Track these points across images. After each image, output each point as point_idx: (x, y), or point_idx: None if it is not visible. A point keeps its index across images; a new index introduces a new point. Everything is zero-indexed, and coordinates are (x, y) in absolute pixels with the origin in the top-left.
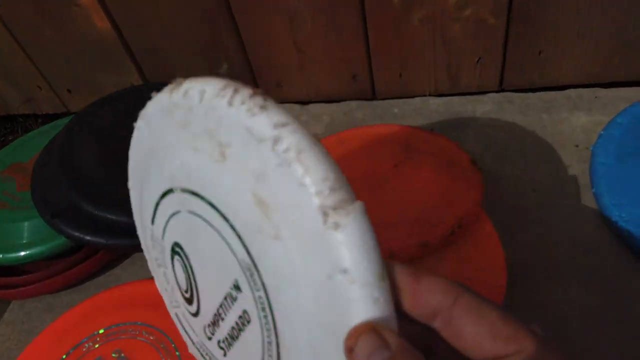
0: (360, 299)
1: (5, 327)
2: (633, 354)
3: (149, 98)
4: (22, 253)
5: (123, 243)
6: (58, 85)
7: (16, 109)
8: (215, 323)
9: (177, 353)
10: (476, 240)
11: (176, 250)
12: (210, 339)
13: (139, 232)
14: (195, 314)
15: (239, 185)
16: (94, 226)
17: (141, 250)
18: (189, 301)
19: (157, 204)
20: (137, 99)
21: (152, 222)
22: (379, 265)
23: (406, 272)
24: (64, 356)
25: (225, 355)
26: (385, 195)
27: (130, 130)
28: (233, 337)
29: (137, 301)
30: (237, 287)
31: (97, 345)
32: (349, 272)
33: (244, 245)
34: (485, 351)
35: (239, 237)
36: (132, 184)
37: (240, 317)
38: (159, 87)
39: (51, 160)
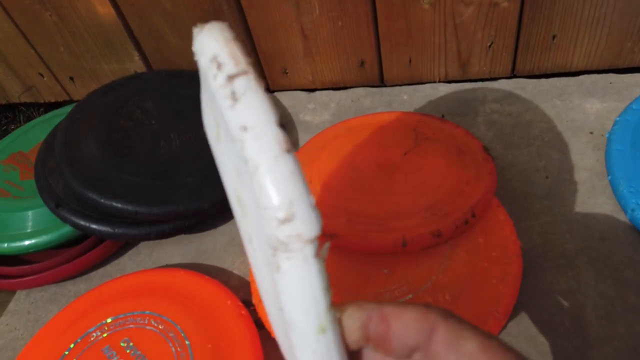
0: (299, 346)
1: (11, 317)
2: None
3: (152, 86)
4: (27, 242)
5: (129, 232)
6: (60, 73)
7: (17, 97)
8: None
9: (187, 342)
10: (490, 229)
11: None
12: None
13: None
14: None
15: (228, 173)
16: (100, 215)
17: (146, 239)
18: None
19: None
20: (140, 86)
21: None
22: (317, 319)
23: (375, 316)
24: (72, 345)
25: None
26: (396, 184)
27: (132, 119)
28: None
29: (144, 290)
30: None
31: (105, 335)
32: (288, 318)
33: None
34: None
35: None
36: None
37: None
38: (162, 75)
39: (54, 149)
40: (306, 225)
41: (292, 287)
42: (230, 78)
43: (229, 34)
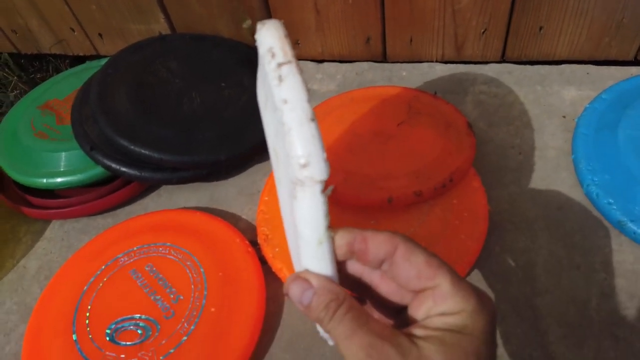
0: (304, 253)
1: (47, 242)
2: (585, 295)
3: (176, 47)
4: (60, 179)
5: (153, 176)
6: (90, 29)
7: (48, 48)
8: None
9: (201, 270)
10: (464, 193)
11: None
12: None
13: None
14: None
15: (269, 132)
16: (129, 159)
17: (167, 183)
18: None
19: None
20: (166, 47)
21: None
22: (318, 234)
23: (358, 237)
24: (103, 267)
25: None
26: (389, 150)
27: (159, 77)
28: None
29: (166, 226)
30: None
31: (131, 260)
32: (298, 232)
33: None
34: (413, 287)
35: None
36: None
37: None
38: (186, 38)
39: (89, 99)
40: (317, 170)
41: (303, 210)
42: (279, 65)
43: (283, 31)
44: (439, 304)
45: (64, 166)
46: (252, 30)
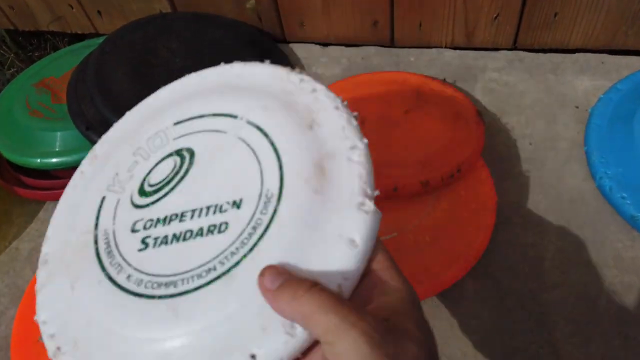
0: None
1: (41, 224)
2: (595, 291)
3: (178, 26)
4: (55, 160)
5: None
6: (89, 6)
7: (46, 25)
8: (182, 216)
9: None
10: (472, 184)
11: (181, 153)
12: (148, 227)
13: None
14: (141, 206)
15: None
16: None
17: None
18: (145, 193)
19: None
20: (166, 26)
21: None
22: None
23: None
24: None
25: (146, 247)
26: (395, 138)
27: (157, 56)
28: (195, 234)
29: None
30: (236, 204)
31: None
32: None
33: (281, 181)
34: None
35: (281, 176)
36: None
37: (214, 225)
38: (187, 16)
39: (86, 77)
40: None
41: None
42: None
43: None
44: None
45: (59, 146)
46: (256, 10)
